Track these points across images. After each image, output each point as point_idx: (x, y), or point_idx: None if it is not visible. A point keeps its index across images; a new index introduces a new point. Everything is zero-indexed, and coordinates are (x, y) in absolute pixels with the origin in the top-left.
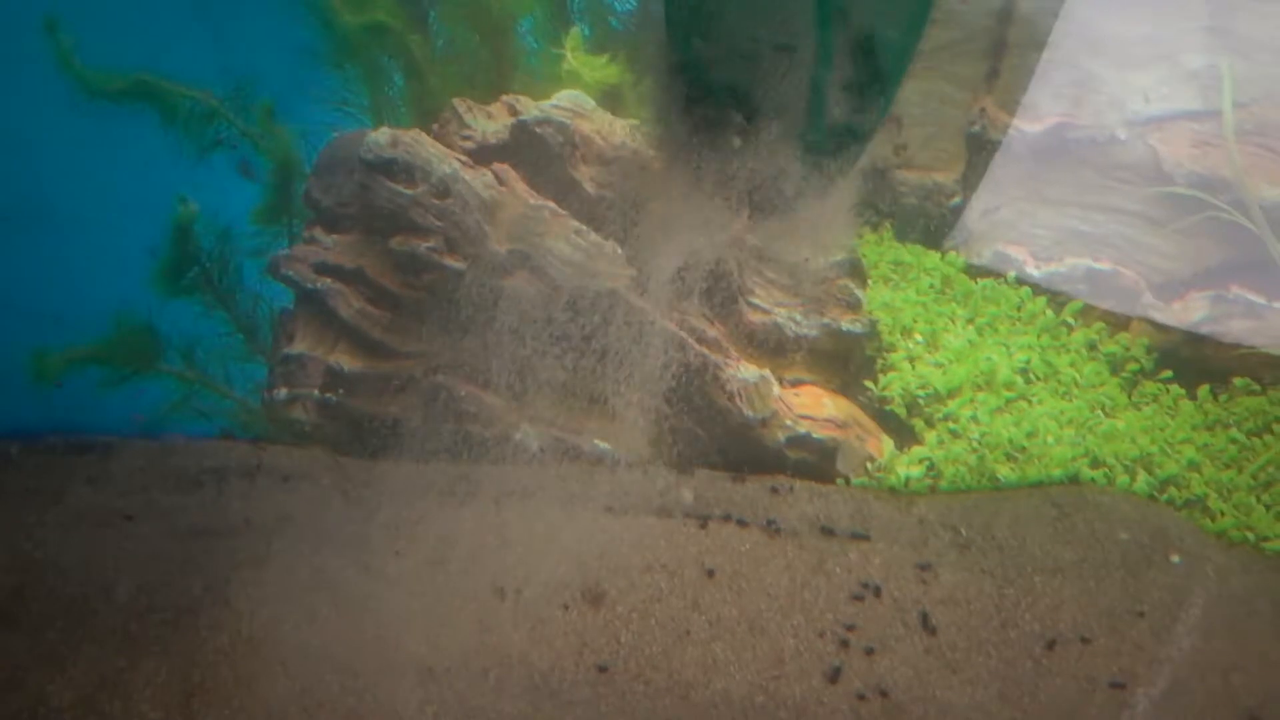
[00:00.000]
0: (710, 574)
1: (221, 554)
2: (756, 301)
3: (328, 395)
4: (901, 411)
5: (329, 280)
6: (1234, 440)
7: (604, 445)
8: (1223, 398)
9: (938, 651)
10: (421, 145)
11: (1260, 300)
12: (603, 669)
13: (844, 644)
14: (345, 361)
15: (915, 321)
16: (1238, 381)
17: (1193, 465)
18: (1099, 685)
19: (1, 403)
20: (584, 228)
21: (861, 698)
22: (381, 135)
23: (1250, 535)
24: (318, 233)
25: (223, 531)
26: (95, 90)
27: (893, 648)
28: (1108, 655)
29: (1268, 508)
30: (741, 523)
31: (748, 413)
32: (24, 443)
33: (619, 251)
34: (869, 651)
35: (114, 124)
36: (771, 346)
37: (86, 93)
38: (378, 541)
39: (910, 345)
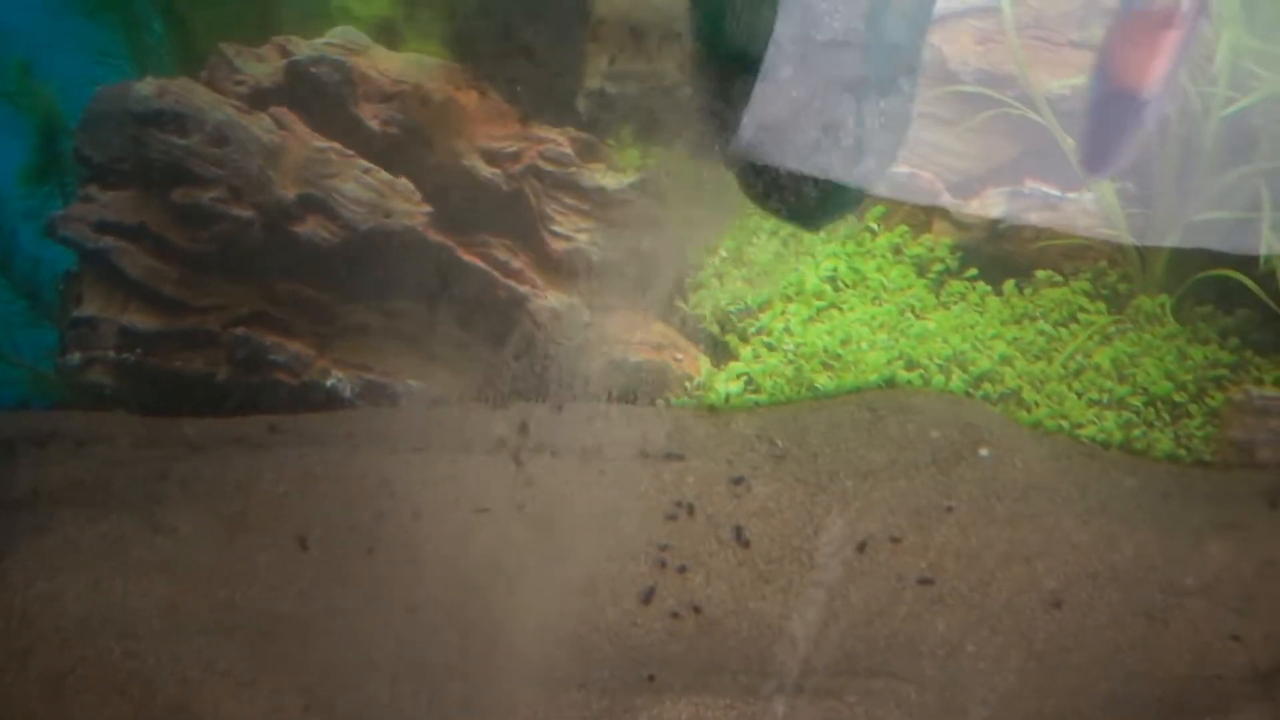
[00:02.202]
0: (521, 507)
1: (4, 528)
2: (557, 228)
3: (124, 356)
4: (715, 329)
5: (111, 238)
6: (1042, 332)
7: (417, 384)
8: (1027, 291)
9: (750, 564)
10: (192, 93)
11: (1054, 192)
12: (411, 609)
13: (657, 564)
14: (139, 320)
15: (720, 240)
16: (1040, 274)
17: (1004, 359)
18: (908, 582)
19: None
20: (372, 166)
21: (675, 615)
22: (147, 86)
23: (1065, 424)
24: (93, 190)
25: (11, 504)
26: None
27: (706, 564)
28: (916, 553)
29: (1079, 395)
30: (556, 453)
31: (560, 341)
32: None
33: (411, 187)
34: (682, 570)
35: None
36: (577, 272)
37: None
38: (173, 500)
39: (717, 262)
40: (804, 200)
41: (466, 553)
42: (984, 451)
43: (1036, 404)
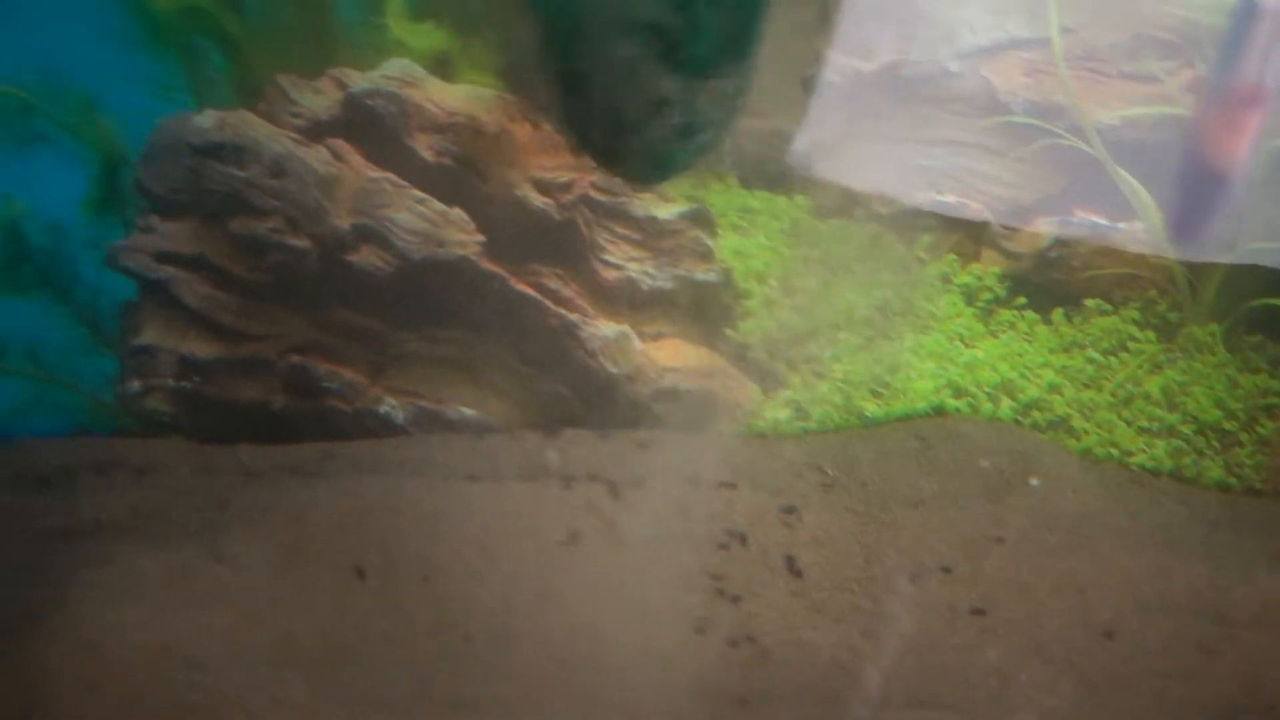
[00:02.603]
0: (574, 535)
1: (67, 556)
2: (608, 258)
3: (182, 384)
4: (764, 357)
5: (170, 268)
6: (1091, 360)
7: (469, 412)
8: (1076, 319)
9: (803, 593)
10: (250, 126)
11: (1103, 222)
12: (468, 639)
13: (711, 594)
14: (197, 349)
15: (768, 266)
16: (1089, 303)
17: (1053, 387)
18: (960, 612)
19: None
20: (427, 196)
21: (731, 644)
22: (206, 118)
23: (1114, 452)
24: (153, 221)
25: (71, 532)
26: None
27: (759, 593)
28: (967, 583)
29: (1129, 423)
30: (607, 481)
31: (611, 369)
32: None
33: (465, 217)
34: (736, 599)
35: None
36: (628, 301)
37: None
38: (232, 529)
39: (766, 290)
40: (640, 166)
41: (521, 582)
42: (1034, 480)
43: (1086, 432)
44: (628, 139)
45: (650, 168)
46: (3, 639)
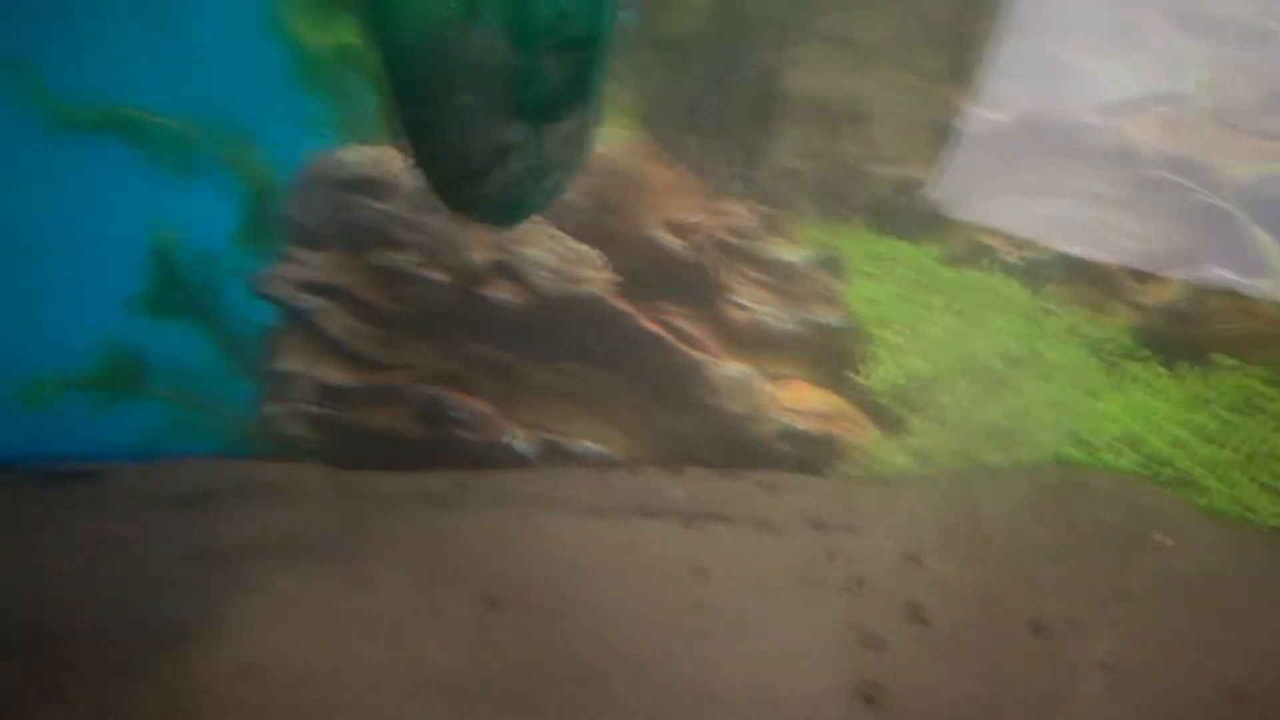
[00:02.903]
0: (700, 573)
1: (215, 577)
2: (736, 299)
3: (319, 409)
4: (887, 401)
5: (313, 297)
6: (1218, 417)
7: (593, 446)
8: (1204, 375)
9: (929, 641)
10: (395, 162)
11: (1236, 277)
12: (599, 673)
13: (835, 636)
14: (335, 376)
15: (895, 312)
16: (1218, 359)
17: (1178, 442)
18: (1086, 667)
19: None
20: (561, 234)
21: (855, 687)
22: (354, 154)
23: (1240, 509)
24: (299, 251)
25: (216, 553)
26: (70, 122)
27: (883, 638)
28: (1094, 637)
29: (1256, 481)
30: (730, 520)
31: (734, 409)
32: (19, 469)
33: (598, 256)
34: (860, 643)
35: (90, 154)
36: (754, 342)
37: (62, 125)
38: (370, 555)
39: (891, 336)
40: (490, 211)
41: (648, 617)
42: (1158, 535)
43: (1211, 489)
44: (475, 185)
45: (500, 212)
46: (159, 657)
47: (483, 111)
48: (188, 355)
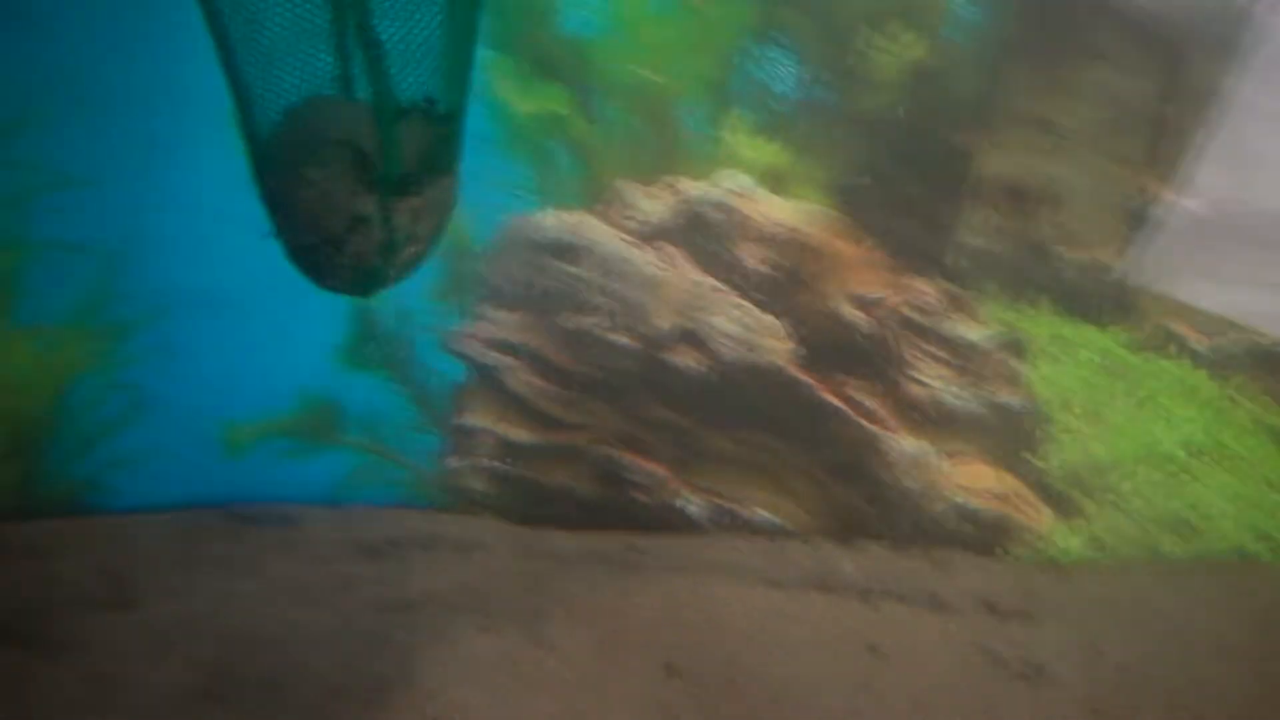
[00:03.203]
0: (874, 651)
1: (406, 629)
2: (916, 374)
3: (499, 464)
4: (1063, 485)
5: (500, 355)
6: None
7: (766, 515)
8: None
9: None
10: (588, 226)
11: None
12: None
13: None
14: (516, 432)
15: (1076, 395)
16: None
17: None
18: None
19: (198, 473)
20: (745, 303)
21: None
22: (549, 217)
23: None
24: (490, 309)
25: (406, 605)
26: None
27: None
28: None
29: None
30: (904, 598)
31: (907, 484)
32: (218, 512)
33: (780, 325)
34: None
35: None
36: (932, 419)
37: None
38: (552, 615)
39: (1071, 419)
40: (347, 280)
41: (823, 694)
42: None
43: None
44: (331, 254)
45: (356, 282)
46: (358, 707)
47: (337, 184)
48: (379, 406)
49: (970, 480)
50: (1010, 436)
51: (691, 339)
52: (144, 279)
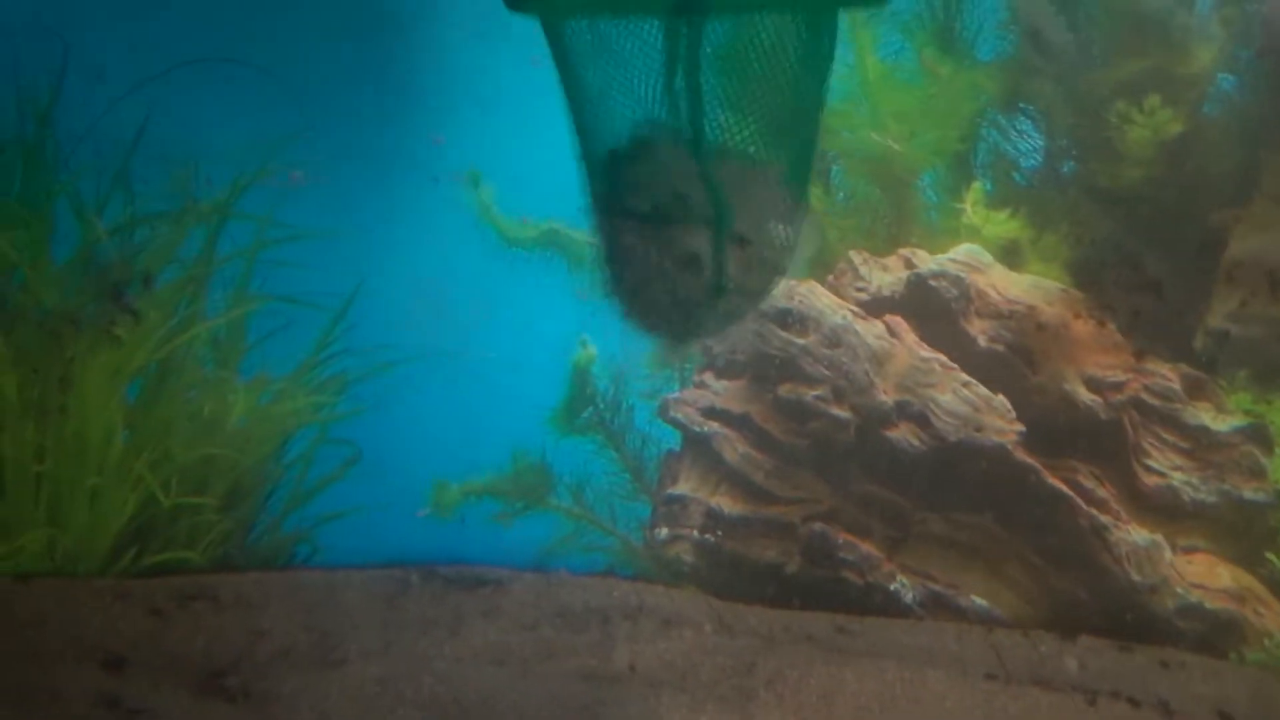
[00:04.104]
0: None
1: (613, 703)
2: (1150, 463)
3: (706, 536)
4: None
5: (716, 424)
6: None
7: (982, 603)
8: None
9: None
10: (815, 296)
11: None
12: None
13: None
14: (726, 504)
15: None
16: None
17: None
18: None
19: (403, 531)
20: (972, 381)
21: None
22: (779, 285)
23: None
24: (708, 378)
25: (611, 677)
26: (510, 239)
27: None
28: None
29: None
30: (1132, 700)
31: (1136, 578)
32: (422, 572)
33: (1008, 406)
34: None
35: (525, 271)
36: (1165, 511)
37: (503, 241)
38: (762, 697)
39: None
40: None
41: None
42: None
43: None
44: (655, 293)
45: (674, 326)
46: None
47: (667, 220)
48: (590, 472)
49: (1204, 577)
50: (1249, 532)
51: (914, 415)
52: (366, 335)
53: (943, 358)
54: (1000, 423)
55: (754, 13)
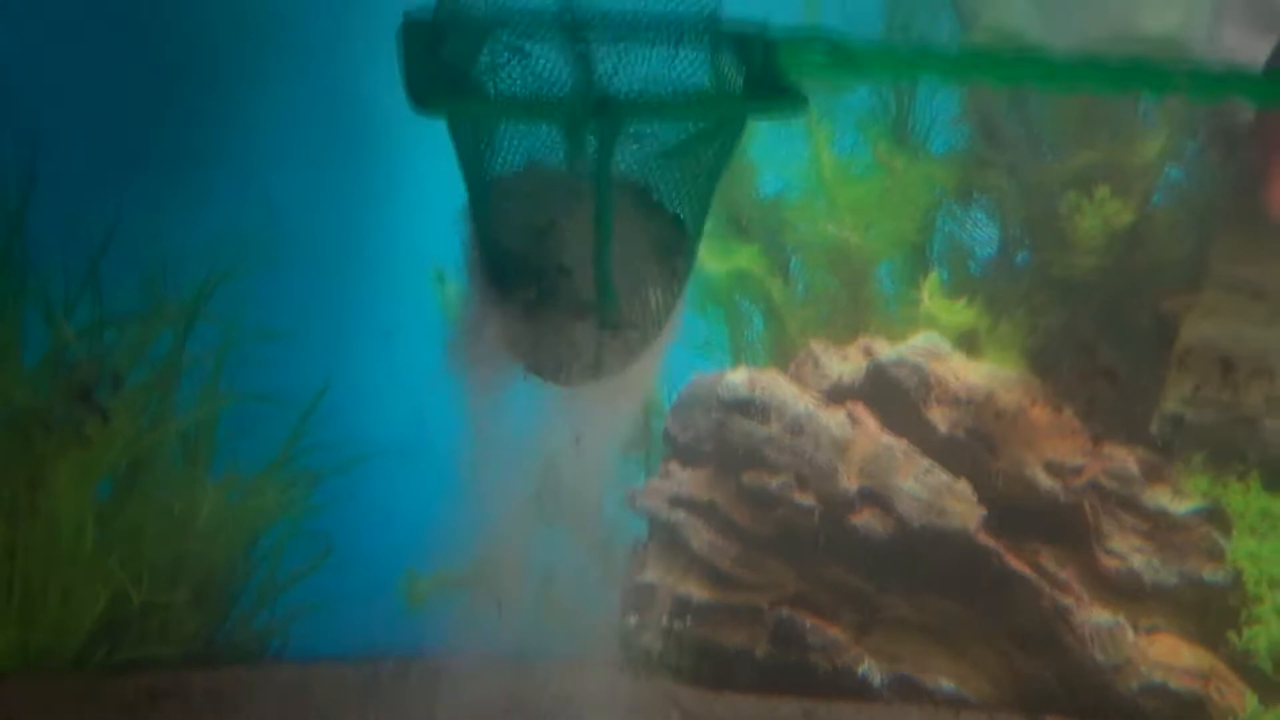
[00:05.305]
0: None
1: None
2: (1111, 546)
3: (674, 623)
4: (1267, 666)
5: (682, 513)
6: None
7: (950, 685)
8: None
9: None
10: (778, 385)
11: None
12: None
13: None
14: (694, 591)
15: None
16: None
17: None
18: None
19: (379, 623)
20: (934, 466)
21: None
22: (739, 375)
23: None
24: (673, 466)
25: None
26: None
27: None
28: None
29: None
30: None
31: (1100, 658)
32: (394, 663)
33: (969, 491)
34: None
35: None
36: (1126, 592)
37: None
38: None
39: (1278, 598)
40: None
41: None
42: None
43: None
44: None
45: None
46: None
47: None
48: (560, 561)
49: (1167, 657)
50: (1210, 613)
51: (877, 501)
52: (335, 429)
53: (904, 444)
54: (962, 507)
55: (664, 120)
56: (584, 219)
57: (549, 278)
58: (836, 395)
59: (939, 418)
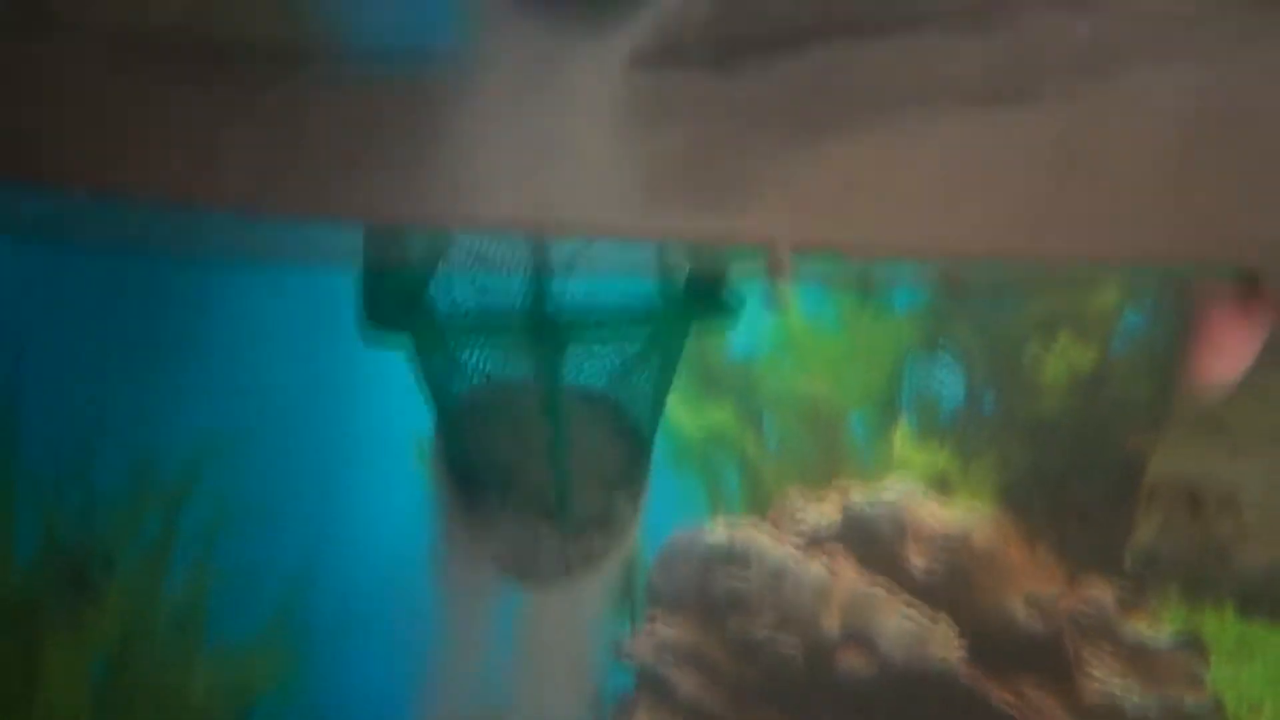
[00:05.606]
0: None
1: None
2: (1093, 676)
3: None
4: None
5: (669, 661)
6: None
7: None
8: None
9: None
10: (756, 535)
11: None
12: None
13: None
14: None
15: (1264, 700)
16: None
17: None
18: None
19: None
20: (914, 604)
21: None
22: (717, 527)
23: None
24: (660, 617)
25: None
26: None
27: None
28: None
29: None
30: None
31: None
32: None
33: (950, 627)
34: None
35: None
36: None
37: None
38: None
39: None
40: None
41: None
42: None
43: None
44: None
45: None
46: None
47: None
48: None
49: None
50: None
51: (860, 642)
52: (322, 604)
53: (883, 586)
54: (943, 644)
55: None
56: (543, 428)
57: (511, 486)
58: (815, 541)
59: (915, 558)
